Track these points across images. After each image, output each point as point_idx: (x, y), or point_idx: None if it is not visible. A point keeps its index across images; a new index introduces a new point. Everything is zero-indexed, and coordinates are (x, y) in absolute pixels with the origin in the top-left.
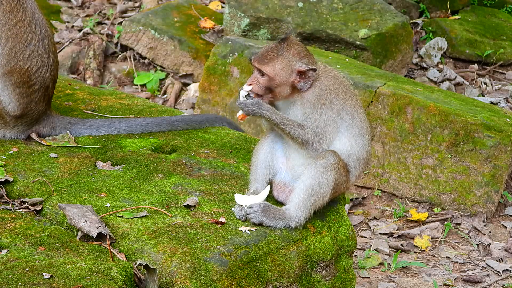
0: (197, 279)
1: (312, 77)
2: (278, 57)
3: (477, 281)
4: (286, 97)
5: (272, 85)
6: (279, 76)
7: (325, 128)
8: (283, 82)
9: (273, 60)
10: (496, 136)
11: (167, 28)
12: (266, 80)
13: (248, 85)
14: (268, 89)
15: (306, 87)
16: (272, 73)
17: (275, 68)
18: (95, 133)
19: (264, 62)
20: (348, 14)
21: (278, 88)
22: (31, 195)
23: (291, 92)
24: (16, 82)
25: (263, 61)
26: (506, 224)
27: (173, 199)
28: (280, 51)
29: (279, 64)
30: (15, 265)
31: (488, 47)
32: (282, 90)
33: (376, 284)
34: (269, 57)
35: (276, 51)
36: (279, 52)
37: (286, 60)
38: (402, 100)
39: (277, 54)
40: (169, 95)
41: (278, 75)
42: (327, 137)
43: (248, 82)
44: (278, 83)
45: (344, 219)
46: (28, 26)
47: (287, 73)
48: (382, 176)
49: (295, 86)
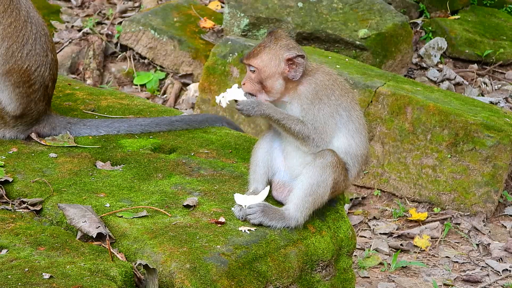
0: (197, 279)
1: (302, 64)
2: (265, 48)
3: (476, 280)
4: (281, 93)
5: (262, 78)
6: (268, 67)
7: (325, 124)
8: (273, 73)
9: (260, 53)
10: (496, 136)
11: (167, 28)
12: (257, 74)
13: (243, 85)
14: (260, 83)
15: (298, 75)
16: (260, 65)
17: (263, 59)
18: (95, 133)
19: (252, 57)
20: (347, 14)
21: (269, 80)
22: (31, 195)
23: (286, 87)
24: (16, 82)
25: (251, 56)
26: (505, 224)
27: (173, 199)
28: (267, 44)
29: (266, 55)
30: (14, 265)
31: (487, 47)
32: (273, 83)
33: (376, 284)
34: (256, 51)
35: (263, 45)
36: (266, 45)
37: (273, 51)
38: (402, 100)
39: (264, 46)
40: (168, 95)
41: (266, 66)
42: (327, 132)
43: (242, 82)
44: (268, 74)
45: (344, 219)
46: (24, 25)
47: (275, 63)
48: (382, 176)
49: (288, 78)
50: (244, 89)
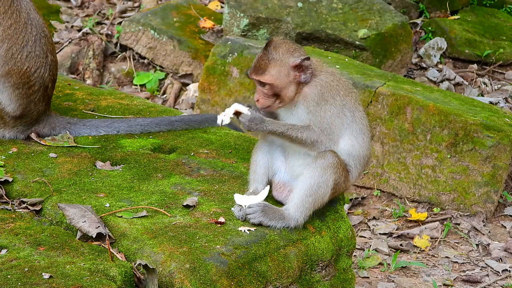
0: (197, 279)
1: (309, 66)
2: (270, 62)
3: (476, 281)
4: (292, 98)
5: (277, 90)
6: (279, 80)
7: (331, 124)
8: (286, 83)
9: (267, 67)
10: (496, 136)
11: (167, 28)
12: (269, 89)
13: (256, 101)
14: (275, 95)
15: (309, 77)
16: (271, 80)
17: (272, 74)
18: (95, 133)
19: (260, 73)
20: (347, 14)
21: (284, 90)
22: (31, 195)
23: (296, 91)
24: (15, 83)
25: (259, 72)
26: (505, 224)
27: (173, 199)
28: (269, 55)
29: (273, 68)
30: (14, 265)
31: (487, 47)
32: (288, 91)
33: (376, 284)
34: (262, 66)
35: (266, 57)
36: (269, 57)
37: (278, 62)
38: (402, 100)
39: (268, 59)
40: (168, 95)
41: (278, 79)
42: (335, 132)
43: (255, 98)
44: (282, 86)
45: (344, 219)
46: (24, 27)
47: (285, 74)
48: (381, 176)
49: (299, 81)
50: (260, 106)
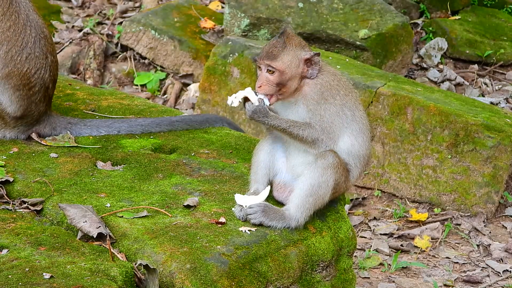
0: (197, 279)
1: (318, 62)
2: (283, 49)
3: (477, 281)
4: (292, 93)
5: (284, 80)
6: (290, 68)
7: (332, 123)
8: (294, 74)
9: (280, 54)
10: (496, 136)
11: (167, 28)
12: (277, 76)
13: (258, 87)
14: (280, 85)
15: (315, 74)
16: (282, 67)
17: (284, 61)
18: (95, 133)
19: (272, 58)
20: (348, 15)
21: (290, 81)
22: (32, 195)
23: (297, 86)
24: (16, 85)
25: (271, 57)
26: (506, 225)
27: (173, 199)
28: (283, 44)
29: (287, 56)
30: (15, 265)
31: (488, 47)
32: (293, 83)
33: (376, 284)
34: (275, 52)
35: (280, 45)
36: (283, 45)
37: (292, 52)
38: (402, 100)
39: (282, 47)
40: (169, 95)
41: (289, 67)
42: (335, 131)
43: (258, 84)
44: (290, 75)
45: (344, 220)
46: (23, 29)
47: (296, 64)
48: (382, 176)
49: (303, 76)
50: (261, 92)
